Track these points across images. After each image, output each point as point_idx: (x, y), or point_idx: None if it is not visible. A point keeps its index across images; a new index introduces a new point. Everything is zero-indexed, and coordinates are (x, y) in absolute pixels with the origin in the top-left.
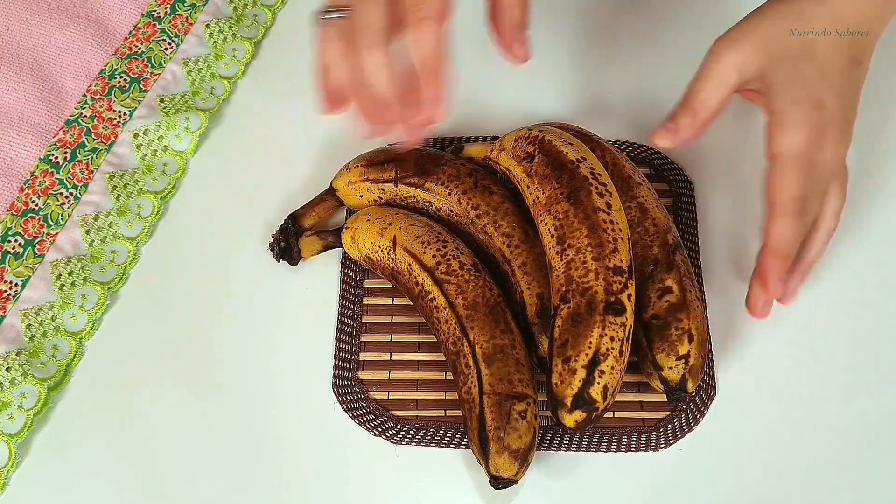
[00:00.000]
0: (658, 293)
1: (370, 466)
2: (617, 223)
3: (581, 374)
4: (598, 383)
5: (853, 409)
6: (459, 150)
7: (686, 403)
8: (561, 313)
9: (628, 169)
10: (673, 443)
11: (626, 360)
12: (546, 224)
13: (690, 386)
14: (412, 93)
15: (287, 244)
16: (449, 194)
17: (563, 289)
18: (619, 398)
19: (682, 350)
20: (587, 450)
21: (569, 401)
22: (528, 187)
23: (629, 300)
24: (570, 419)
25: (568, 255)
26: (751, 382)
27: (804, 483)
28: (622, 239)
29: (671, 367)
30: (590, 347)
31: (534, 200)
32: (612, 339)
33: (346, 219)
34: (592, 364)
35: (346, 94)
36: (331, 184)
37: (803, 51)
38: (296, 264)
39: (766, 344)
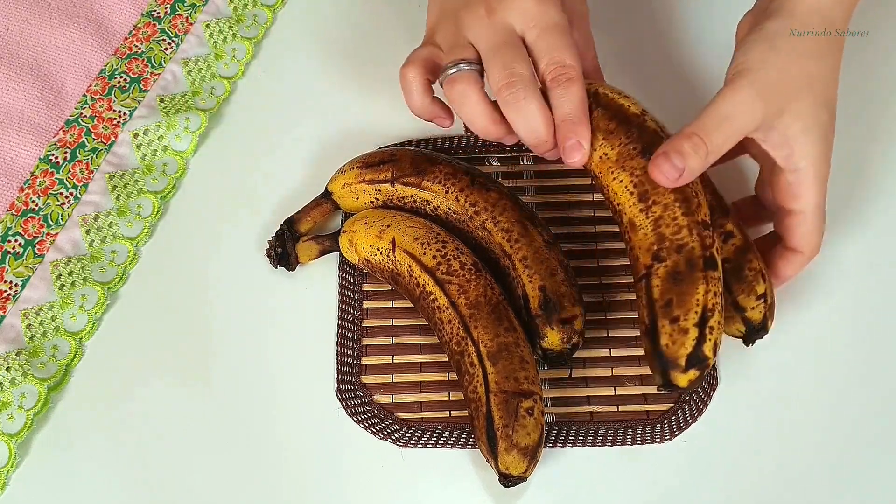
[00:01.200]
0: (722, 238)
1: (377, 470)
2: None
3: (693, 332)
4: (710, 339)
5: (856, 400)
6: None
7: (689, 394)
8: (657, 273)
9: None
10: (677, 434)
11: (723, 314)
12: (622, 181)
13: (770, 324)
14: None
15: (284, 250)
16: (446, 192)
17: (655, 247)
18: (622, 392)
19: (760, 290)
20: (592, 444)
21: (683, 361)
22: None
23: (718, 253)
24: (684, 379)
25: (655, 212)
26: (753, 373)
27: (807, 473)
28: (701, 192)
29: (753, 308)
30: (698, 305)
31: (601, 157)
32: (714, 293)
33: (343, 223)
34: (702, 321)
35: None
36: (326, 187)
37: (810, 92)
38: (293, 270)
39: (768, 335)
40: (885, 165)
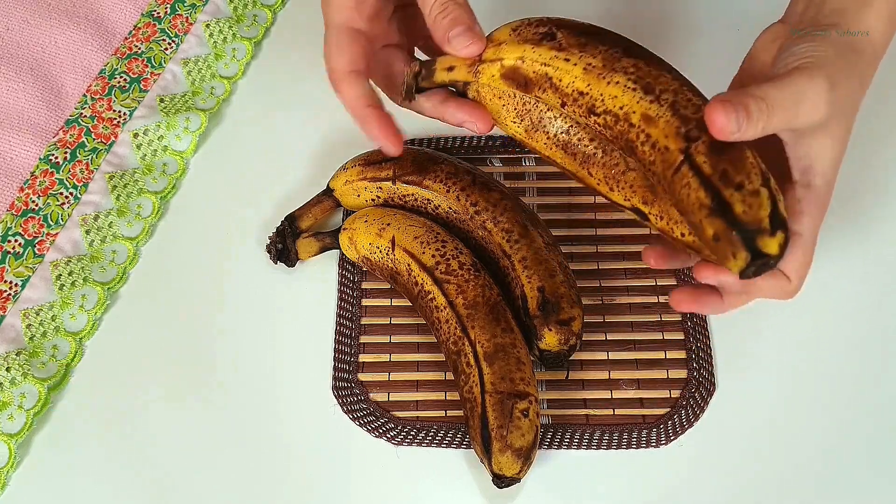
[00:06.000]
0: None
1: (372, 468)
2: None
3: (765, 192)
4: (780, 200)
5: (851, 404)
6: (430, 73)
7: (686, 399)
8: (697, 150)
9: None
10: (673, 439)
11: None
12: (618, 83)
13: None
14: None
15: (284, 246)
16: (448, 191)
17: (683, 129)
18: (619, 395)
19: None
20: (588, 447)
21: (767, 223)
22: (566, 60)
23: None
24: (774, 244)
25: (666, 98)
26: (750, 378)
27: (802, 479)
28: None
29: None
30: (754, 167)
31: (585, 67)
32: (755, 156)
33: (343, 221)
34: (766, 180)
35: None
36: (328, 184)
37: (848, 115)
38: (293, 266)
39: (765, 340)
40: (886, 168)
